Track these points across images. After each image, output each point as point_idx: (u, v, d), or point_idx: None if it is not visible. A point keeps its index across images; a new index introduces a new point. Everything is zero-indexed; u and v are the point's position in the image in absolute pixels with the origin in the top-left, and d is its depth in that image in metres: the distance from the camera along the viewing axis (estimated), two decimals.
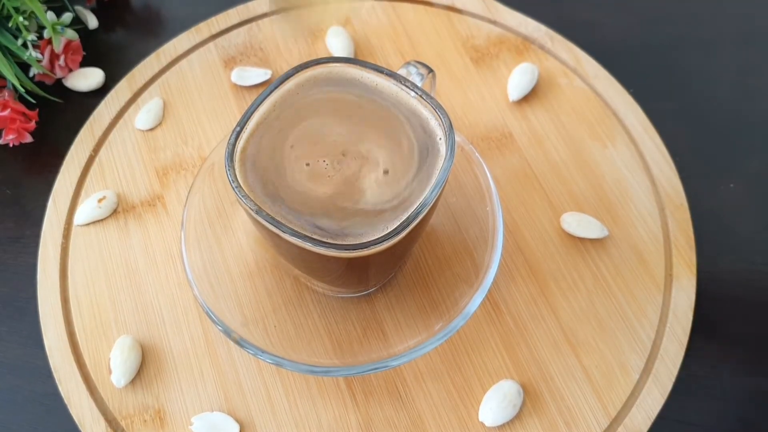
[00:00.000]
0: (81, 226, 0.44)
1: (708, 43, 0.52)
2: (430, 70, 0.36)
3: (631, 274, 0.42)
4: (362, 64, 0.33)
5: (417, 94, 0.33)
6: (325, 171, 0.32)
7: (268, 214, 0.30)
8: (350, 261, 0.31)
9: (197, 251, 0.38)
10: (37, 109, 0.48)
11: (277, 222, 0.30)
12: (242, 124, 0.32)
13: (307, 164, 0.32)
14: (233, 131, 0.32)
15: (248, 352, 0.35)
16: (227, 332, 0.35)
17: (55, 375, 0.40)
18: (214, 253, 0.39)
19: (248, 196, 0.30)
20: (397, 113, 0.33)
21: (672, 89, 0.50)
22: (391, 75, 0.33)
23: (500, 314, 0.41)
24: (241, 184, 0.31)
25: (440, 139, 0.32)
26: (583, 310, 0.41)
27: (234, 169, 0.31)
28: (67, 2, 0.52)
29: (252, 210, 0.30)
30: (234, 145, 0.32)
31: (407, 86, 0.33)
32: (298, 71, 0.33)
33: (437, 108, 0.32)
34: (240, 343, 0.35)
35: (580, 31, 0.51)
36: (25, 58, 0.47)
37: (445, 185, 0.31)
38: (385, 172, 0.32)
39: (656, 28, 0.53)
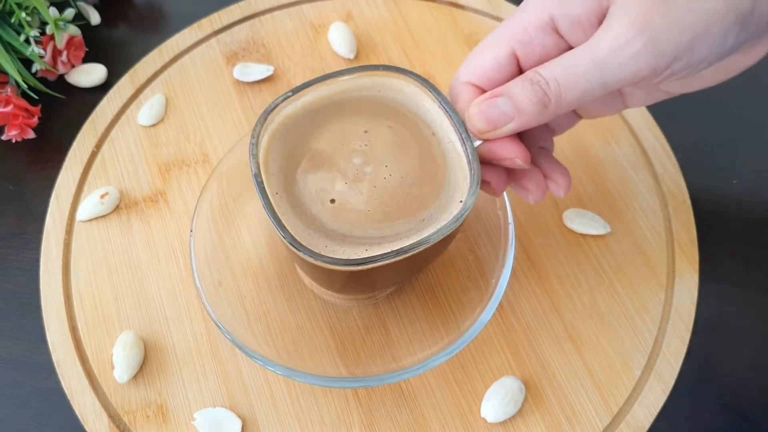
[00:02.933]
0: (83, 222, 0.44)
1: None
2: None
3: (633, 270, 0.42)
4: (436, 93, 0.32)
5: (465, 147, 0.31)
6: (345, 181, 0.31)
7: (264, 188, 0.29)
8: (351, 272, 0.31)
9: (204, 256, 0.38)
10: (40, 105, 0.48)
11: (274, 212, 0.29)
12: (296, 90, 0.31)
13: (328, 171, 0.31)
14: (281, 96, 0.31)
15: (257, 362, 0.35)
16: (244, 350, 0.35)
17: (58, 371, 0.40)
18: (222, 266, 0.39)
19: (260, 172, 0.30)
20: (437, 150, 0.32)
21: None
22: (452, 115, 0.31)
23: (502, 311, 0.41)
24: (260, 154, 0.30)
25: (463, 195, 0.31)
26: (586, 307, 0.41)
27: (259, 136, 0.30)
28: None
29: (255, 177, 0.29)
30: (269, 113, 0.31)
31: (462, 136, 0.31)
32: (364, 71, 0.32)
33: (474, 161, 0.30)
34: (250, 355, 0.35)
35: None
36: (27, 54, 0.47)
37: (449, 235, 0.30)
38: (406, 195, 0.31)
39: None
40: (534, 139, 0.33)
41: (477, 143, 0.30)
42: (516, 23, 0.29)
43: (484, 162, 0.31)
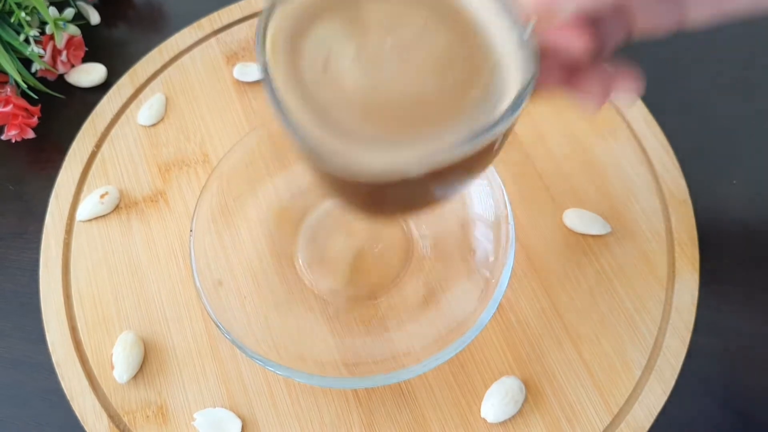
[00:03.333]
0: (83, 221, 0.44)
1: (710, 39, 0.52)
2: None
3: (633, 270, 0.42)
4: None
5: (514, 35, 0.25)
6: (355, 53, 0.26)
7: (270, 76, 0.24)
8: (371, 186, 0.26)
9: (204, 256, 0.38)
10: (40, 105, 0.48)
11: (275, 93, 0.24)
12: None
13: (346, 36, 0.26)
14: None
15: (257, 362, 0.35)
16: (244, 350, 0.35)
17: (58, 371, 0.40)
18: (222, 266, 0.39)
19: (264, 53, 0.25)
20: (483, 51, 0.26)
21: (674, 85, 0.49)
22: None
23: (502, 311, 0.41)
24: (268, 40, 0.25)
25: (517, 86, 0.25)
26: (585, 307, 0.41)
27: (268, 21, 0.26)
28: None
29: (260, 63, 0.25)
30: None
31: (513, 20, 0.26)
32: None
33: (527, 44, 0.25)
34: (250, 355, 0.35)
35: None
36: (27, 53, 0.47)
37: (495, 141, 0.26)
38: (414, 106, 0.26)
39: None
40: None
41: (529, 30, 0.25)
42: None
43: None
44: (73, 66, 0.50)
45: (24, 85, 0.46)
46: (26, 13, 0.46)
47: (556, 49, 0.25)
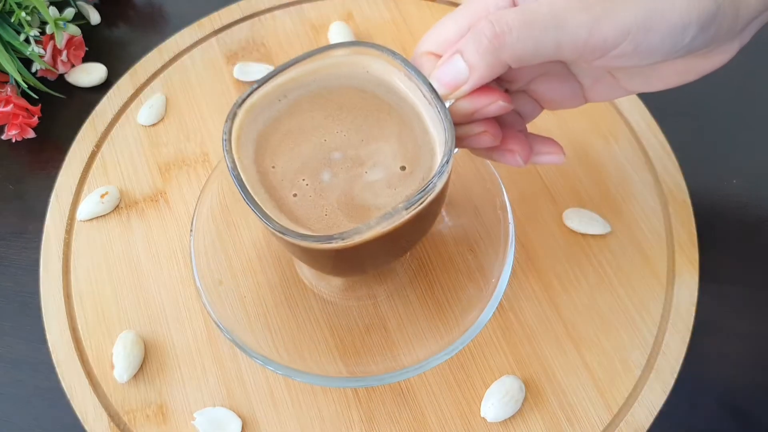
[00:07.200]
0: (84, 221, 0.44)
1: None
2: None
3: (633, 270, 0.42)
4: (405, 63, 0.31)
5: (437, 110, 0.30)
6: (315, 170, 0.31)
7: (242, 182, 0.29)
8: (338, 251, 0.30)
9: (204, 256, 0.38)
10: (40, 105, 0.48)
11: (245, 190, 0.29)
12: (263, 81, 0.31)
13: (300, 159, 0.31)
14: (250, 88, 0.31)
15: (257, 362, 0.35)
16: (244, 349, 0.35)
17: (58, 370, 0.40)
18: (222, 265, 0.39)
19: (231, 151, 0.30)
20: (405, 118, 0.32)
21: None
22: (419, 79, 0.30)
23: (502, 310, 0.41)
24: (233, 148, 0.30)
25: (440, 159, 0.30)
26: (586, 306, 0.41)
27: (231, 131, 0.30)
28: None
29: (231, 171, 0.30)
30: (238, 106, 0.31)
31: (430, 100, 0.30)
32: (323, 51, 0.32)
33: (447, 120, 0.29)
34: (250, 354, 0.35)
35: None
36: (27, 53, 0.47)
37: (431, 204, 0.30)
38: (379, 177, 0.31)
39: None
40: (509, 124, 0.33)
41: (449, 103, 0.30)
42: (478, 3, 0.30)
43: (474, 120, 0.30)
44: (73, 66, 0.50)
45: (24, 85, 0.46)
46: (27, 13, 0.46)
47: (481, 105, 0.30)
